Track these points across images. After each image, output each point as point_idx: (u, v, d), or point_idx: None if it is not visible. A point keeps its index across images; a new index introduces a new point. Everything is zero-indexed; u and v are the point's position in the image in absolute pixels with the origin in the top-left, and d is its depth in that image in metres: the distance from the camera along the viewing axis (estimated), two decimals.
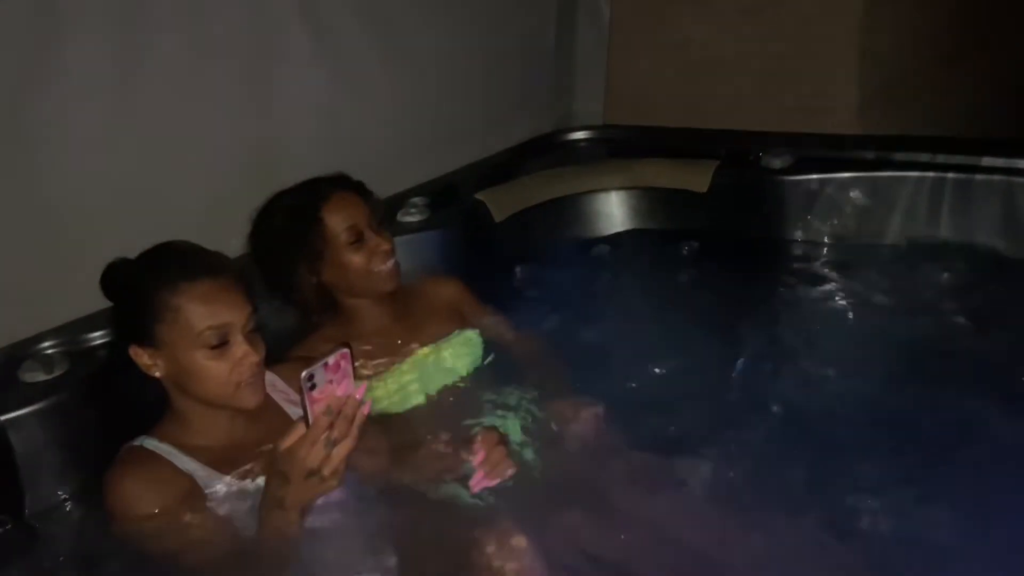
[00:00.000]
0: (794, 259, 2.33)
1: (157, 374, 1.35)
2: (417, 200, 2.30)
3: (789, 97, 2.67)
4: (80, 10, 1.67)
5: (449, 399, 1.72)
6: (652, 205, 2.50)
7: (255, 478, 1.35)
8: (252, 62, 1.99)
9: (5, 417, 1.53)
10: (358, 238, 1.67)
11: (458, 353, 1.76)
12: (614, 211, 2.51)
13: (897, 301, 2.10)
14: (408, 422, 1.66)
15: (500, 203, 2.40)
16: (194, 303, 1.29)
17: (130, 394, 1.56)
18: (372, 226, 1.69)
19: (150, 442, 1.36)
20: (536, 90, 2.82)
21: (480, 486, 1.42)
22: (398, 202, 2.29)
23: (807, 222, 2.36)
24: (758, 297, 2.17)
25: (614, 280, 2.34)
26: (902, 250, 2.26)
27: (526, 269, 2.30)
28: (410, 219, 2.25)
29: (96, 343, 1.71)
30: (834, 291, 2.20)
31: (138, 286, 1.32)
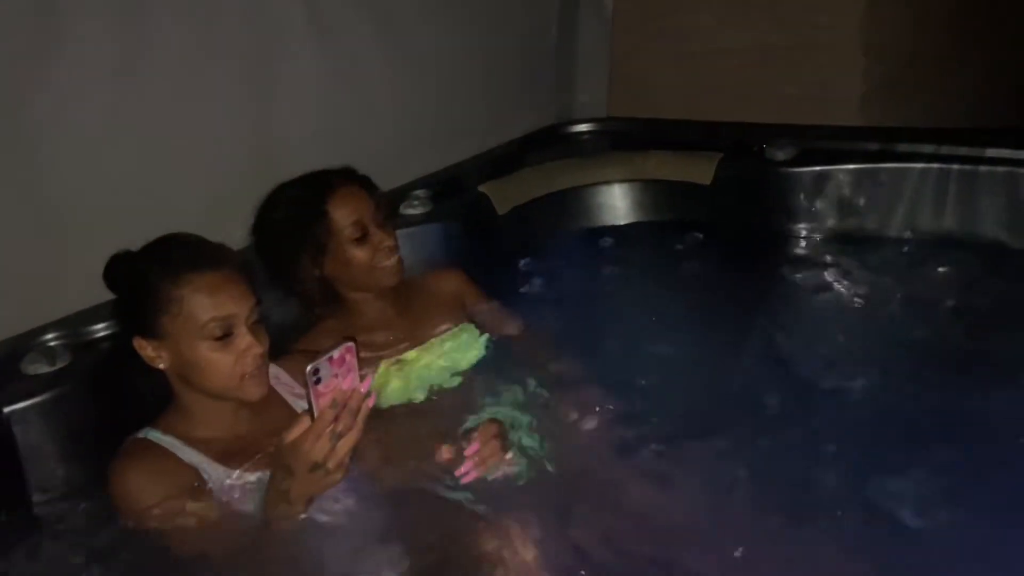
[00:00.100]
0: (798, 251, 2.32)
1: (161, 366, 1.35)
2: (420, 193, 2.29)
3: (793, 88, 2.66)
4: (81, 7, 1.67)
5: (452, 393, 1.71)
6: (655, 197, 2.49)
7: (259, 470, 1.35)
8: (254, 57, 1.98)
9: (8, 409, 1.53)
10: (363, 233, 1.66)
11: (461, 347, 1.76)
12: (617, 203, 2.51)
13: (901, 293, 2.10)
14: (411, 416, 1.65)
15: (503, 195, 2.39)
16: (198, 294, 1.29)
17: (133, 386, 1.57)
18: (377, 221, 1.68)
19: (154, 434, 1.36)
20: (539, 82, 2.81)
21: (468, 478, 1.44)
22: (401, 195, 2.28)
23: (811, 214, 2.35)
24: (762, 289, 2.17)
25: (617, 273, 2.34)
26: (906, 242, 2.26)
27: (529, 261, 2.30)
28: (413, 212, 2.24)
29: (99, 335, 1.71)
30: (838, 283, 2.19)
31: (142, 277, 1.32)
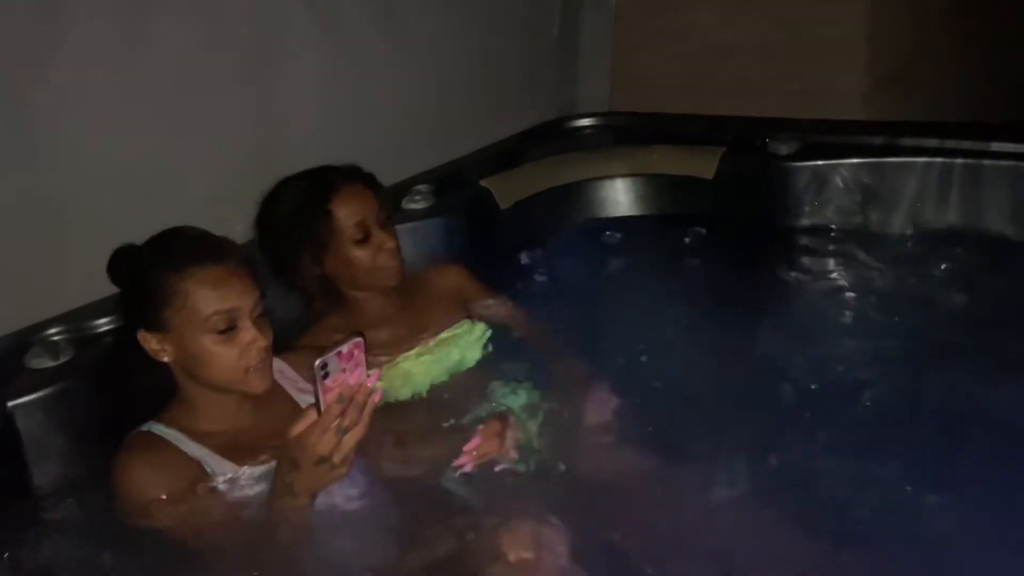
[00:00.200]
0: (800, 245, 2.32)
1: (165, 359, 1.35)
2: (422, 187, 2.29)
3: (795, 83, 2.65)
4: (82, 4, 1.66)
5: (455, 389, 1.71)
6: (658, 192, 2.49)
7: (263, 464, 1.34)
8: (255, 53, 1.98)
9: (12, 403, 1.53)
10: (365, 235, 1.65)
11: (463, 343, 1.76)
12: (620, 198, 2.51)
13: (905, 287, 2.10)
14: (414, 412, 1.66)
15: (506, 190, 2.39)
16: (202, 287, 1.29)
17: (136, 381, 1.56)
18: (380, 221, 1.68)
19: (157, 427, 1.36)
20: (541, 77, 2.80)
21: (465, 468, 1.45)
22: (403, 189, 2.28)
23: (814, 208, 2.35)
24: (764, 283, 2.16)
25: (620, 267, 2.34)
26: (910, 236, 2.25)
27: (532, 256, 2.30)
28: (415, 206, 2.24)
29: (102, 330, 1.71)
30: (841, 277, 2.19)
31: (146, 271, 1.32)
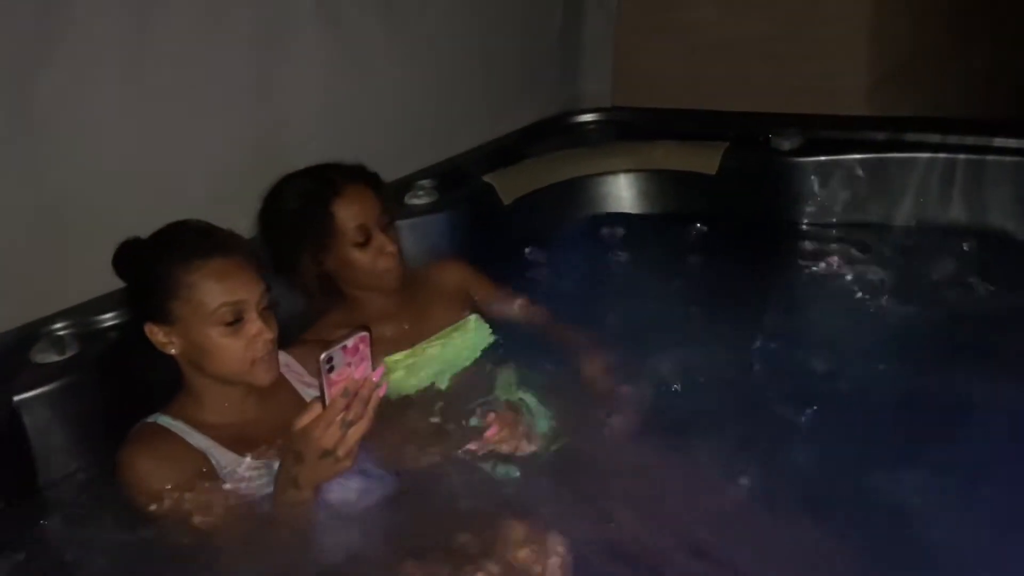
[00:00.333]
0: (803, 241, 2.31)
1: (172, 351, 1.36)
2: (425, 183, 2.29)
3: (799, 78, 2.65)
4: None
5: (458, 385, 1.71)
6: (661, 187, 2.48)
7: (267, 457, 1.35)
8: (258, 48, 1.98)
9: (18, 398, 1.54)
10: (366, 238, 1.66)
11: (466, 339, 1.76)
12: (623, 193, 2.50)
13: (908, 283, 2.09)
14: (417, 408, 1.65)
15: (508, 185, 2.39)
16: (209, 280, 1.30)
17: (141, 374, 1.57)
18: (381, 224, 1.68)
19: (163, 419, 1.37)
20: (544, 72, 2.80)
21: (483, 450, 1.46)
22: (406, 184, 2.28)
23: (817, 204, 2.35)
24: (767, 279, 2.15)
25: (622, 263, 2.33)
26: (913, 232, 2.25)
27: (534, 251, 2.29)
28: (418, 202, 2.24)
29: (107, 324, 1.72)
30: (844, 273, 2.18)
31: (153, 263, 1.33)
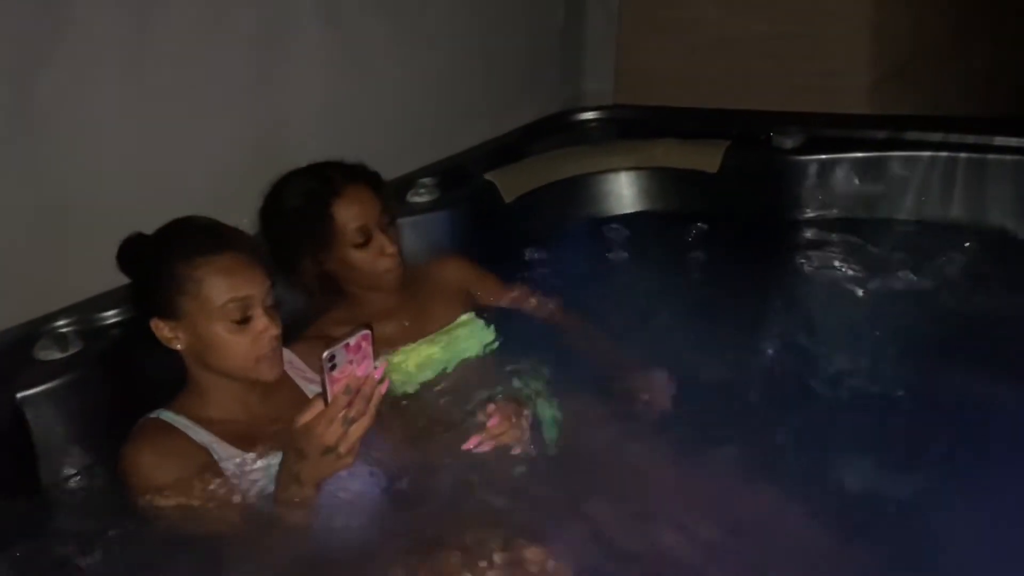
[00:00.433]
0: (804, 239, 2.31)
1: (178, 347, 1.36)
2: (426, 180, 2.29)
3: (800, 77, 2.65)
4: None
5: (459, 381, 1.72)
6: (662, 185, 2.48)
7: (270, 453, 1.35)
8: (259, 45, 1.98)
9: (21, 395, 1.54)
10: (366, 239, 1.66)
11: (467, 335, 1.77)
12: (624, 191, 2.50)
13: (909, 281, 2.09)
14: (418, 405, 1.66)
15: (510, 183, 2.39)
16: (217, 276, 1.31)
17: (144, 372, 1.58)
18: (382, 225, 1.68)
19: (167, 415, 1.38)
20: (545, 70, 2.80)
21: (480, 449, 1.43)
22: (407, 182, 2.28)
23: (818, 202, 2.35)
24: (769, 277, 2.16)
25: (624, 261, 2.33)
26: (914, 230, 2.25)
27: (536, 249, 2.29)
28: (419, 200, 2.24)
29: (109, 321, 1.72)
30: (845, 271, 2.19)
31: (161, 258, 1.33)
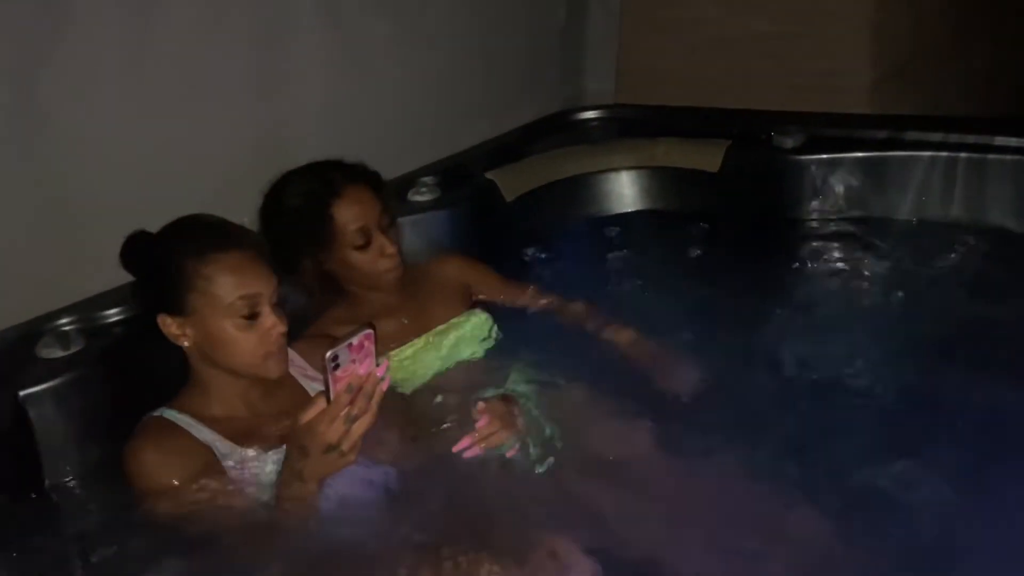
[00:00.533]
0: (805, 239, 2.32)
1: (185, 343, 1.36)
2: (428, 179, 2.29)
3: (801, 76, 2.65)
4: None
5: (459, 379, 1.72)
6: (663, 185, 2.49)
7: (271, 450, 1.36)
8: (261, 43, 1.99)
9: (23, 393, 1.55)
10: (366, 240, 1.66)
11: (466, 332, 1.77)
12: (625, 191, 2.50)
13: (909, 280, 2.10)
14: (418, 403, 1.66)
15: (511, 182, 2.39)
16: (226, 273, 1.32)
17: (146, 370, 1.58)
18: (382, 226, 1.68)
19: (169, 413, 1.38)
20: (547, 68, 2.81)
21: (468, 453, 1.43)
22: (408, 181, 2.28)
23: (819, 201, 2.35)
24: (769, 276, 2.16)
25: (626, 260, 2.33)
26: (914, 229, 2.26)
27: (537, 248, 2.29)
28: (420, 198, 2.24)
29: (112, 320, 1.72)
30: (845, 270, 2.20)
31: (170, 255, 1.34)
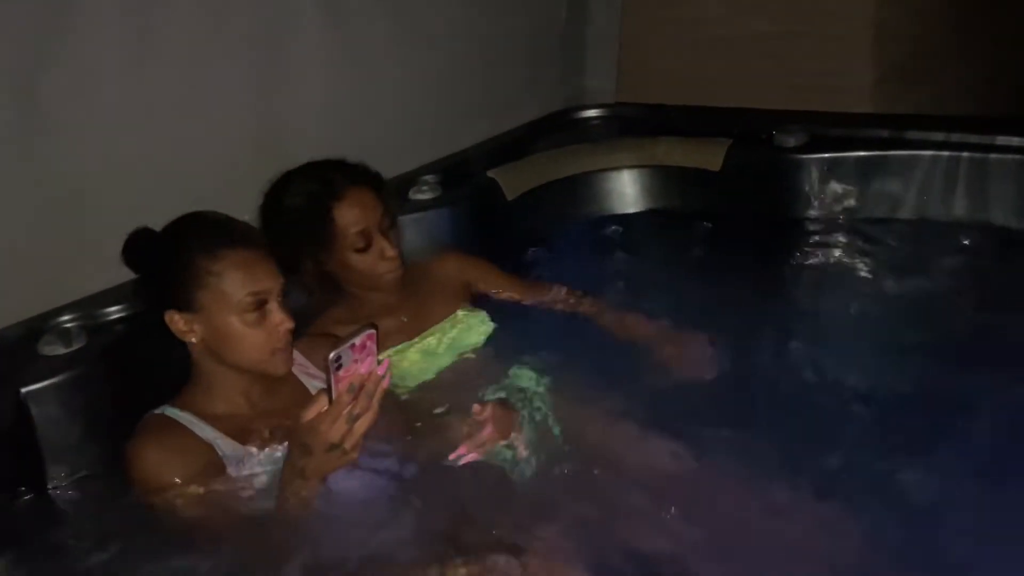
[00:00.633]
0: (806, 238, 2.32)
1: (192, 339, 1.37)
2: (429, 178, 2.29)
3: (802, 75, 2.65)
4: None
5: (459, 376, 1.73)
6: (665, 183, 2.49)
7: (273, 448, 1.37)
8: (262, 41, 1.99)
9: (25, 390, 1.55)
10: (367, 243, 1.66)
11: (465, 330, 1.78)
12: (626, 190, 2.50)
13: (911, 279, 2.10)
14: (419, 401, 1.66)
15: (512, 181, 2.39)
16: (235, 270, 1.33)
17: (148, 368, 1.58)
18: (382, 228, 1.68)
19: (171, 410, 1.38)
20: (548, 67, 2.81)
21: (467, 459, 1.44)
22: (409, 180, 2.28)
23: (820, 200, 2.35)
24: (771, 275, 2.16)
25: (626, 259, 2.34)
26: (916, 229, 2.26)
27: (538, 246, 2.29)
28: (422, 196, 2.24)
29: (114, 317, 1.72)
30: (847, 269, 2.20)
31: (179, 252, 1.34)
